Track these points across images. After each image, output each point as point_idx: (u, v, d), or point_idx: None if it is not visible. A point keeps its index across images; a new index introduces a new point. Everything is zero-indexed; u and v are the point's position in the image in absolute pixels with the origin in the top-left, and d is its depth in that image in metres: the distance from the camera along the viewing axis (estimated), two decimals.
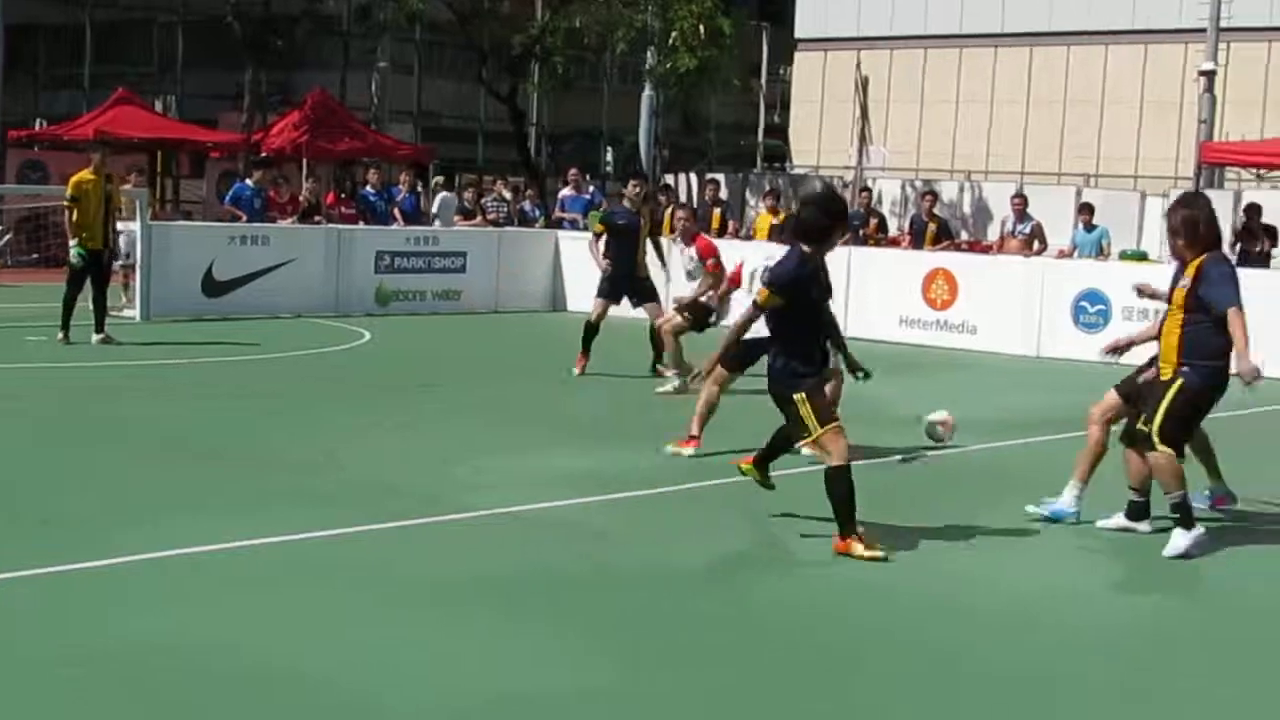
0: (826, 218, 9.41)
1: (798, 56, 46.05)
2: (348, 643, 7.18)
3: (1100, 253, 22.99)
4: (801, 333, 9.35)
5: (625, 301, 17.24)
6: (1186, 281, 9.66)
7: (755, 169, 45.73)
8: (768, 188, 32.37)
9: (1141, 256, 24.80)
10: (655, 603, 8.06)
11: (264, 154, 31.96)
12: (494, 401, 15.37)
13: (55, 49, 49.02)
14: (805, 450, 10.30)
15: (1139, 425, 9.84)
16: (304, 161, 34.79)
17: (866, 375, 10.06)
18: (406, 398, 15.48)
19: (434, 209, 28.31)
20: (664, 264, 17.84)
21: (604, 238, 17.39)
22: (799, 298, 9.23)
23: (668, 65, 35.26)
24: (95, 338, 18.20)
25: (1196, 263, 9.61)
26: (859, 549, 8.98)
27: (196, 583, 8.09)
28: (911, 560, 9.13)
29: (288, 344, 19.10)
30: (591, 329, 17.02)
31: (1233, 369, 9.53)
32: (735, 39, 35.77)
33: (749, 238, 26.99)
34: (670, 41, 34.74)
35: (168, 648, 6.98)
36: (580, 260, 25.89)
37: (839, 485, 9.09)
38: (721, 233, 26.43)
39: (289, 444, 12.38)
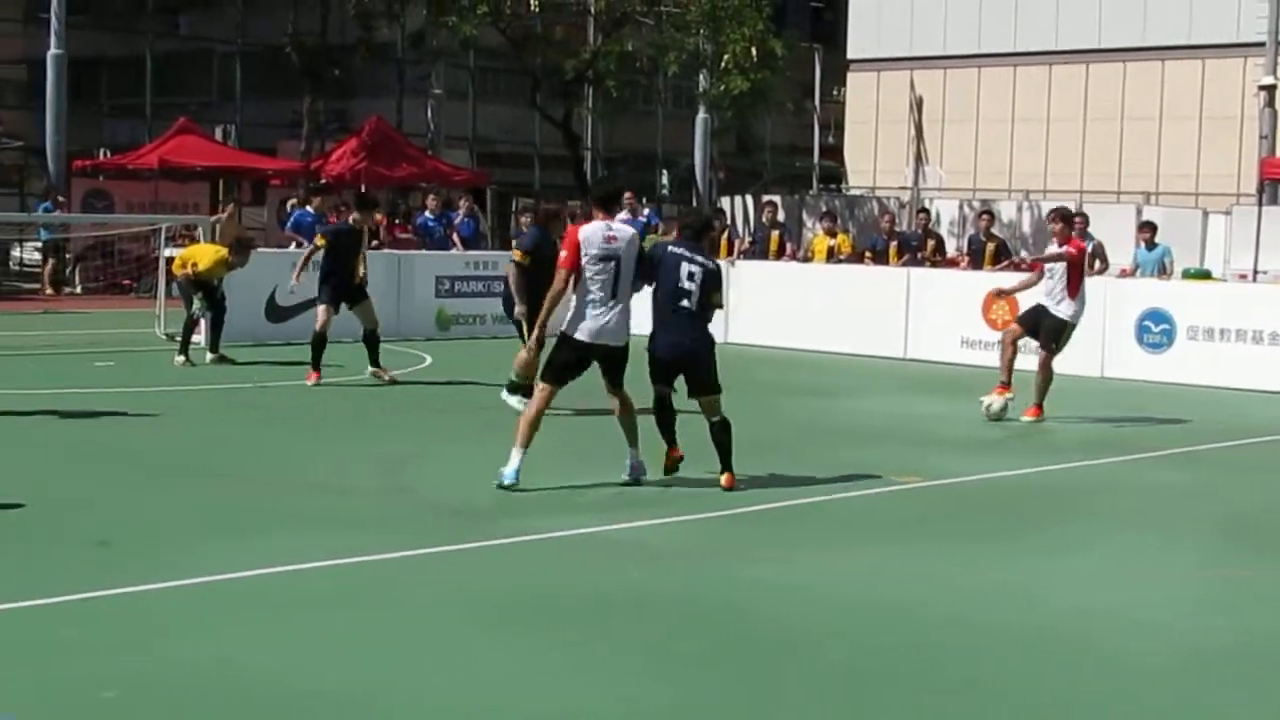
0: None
1: (851, 77, 46.00)
2: (400, 664, 7.17)
3: (1163, 271, 22.88)
4: None
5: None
6: None
7: (811, 190, 45.71)
8: (824, 209, 32.36)
9: (1205, 275, 24.63)
10: (713, 624, 8.07)
11: (323, 180, 32.16)
12: (557, 424, 15.39)
13: (118, 80, 49.63)
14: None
15: None
16: (362, 188, 35.02)
17: None
18: (468, 420, 15.53)
19: None
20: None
21: (322, 250, 18.00)
22: None
23: (720, 88, 35.31)
24: (209, 357, 19.45)
25: None
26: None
27: (250, 606, 8.10)
28: (952, 578, 9.13)
29: (349, 368, 19.20)
30: (321, 340, 17.57)
31: None
32: (788, 61, 35.80)
33: (806, 259, 27.00)
34: (722, 64, 34.79)
35: (213, 671, 6.96)
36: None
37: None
38: (780, 254, 26.45)
39: (351, 467, 12.43)
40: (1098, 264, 23.66)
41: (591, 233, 11.50)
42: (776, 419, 16.21)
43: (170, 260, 24.85)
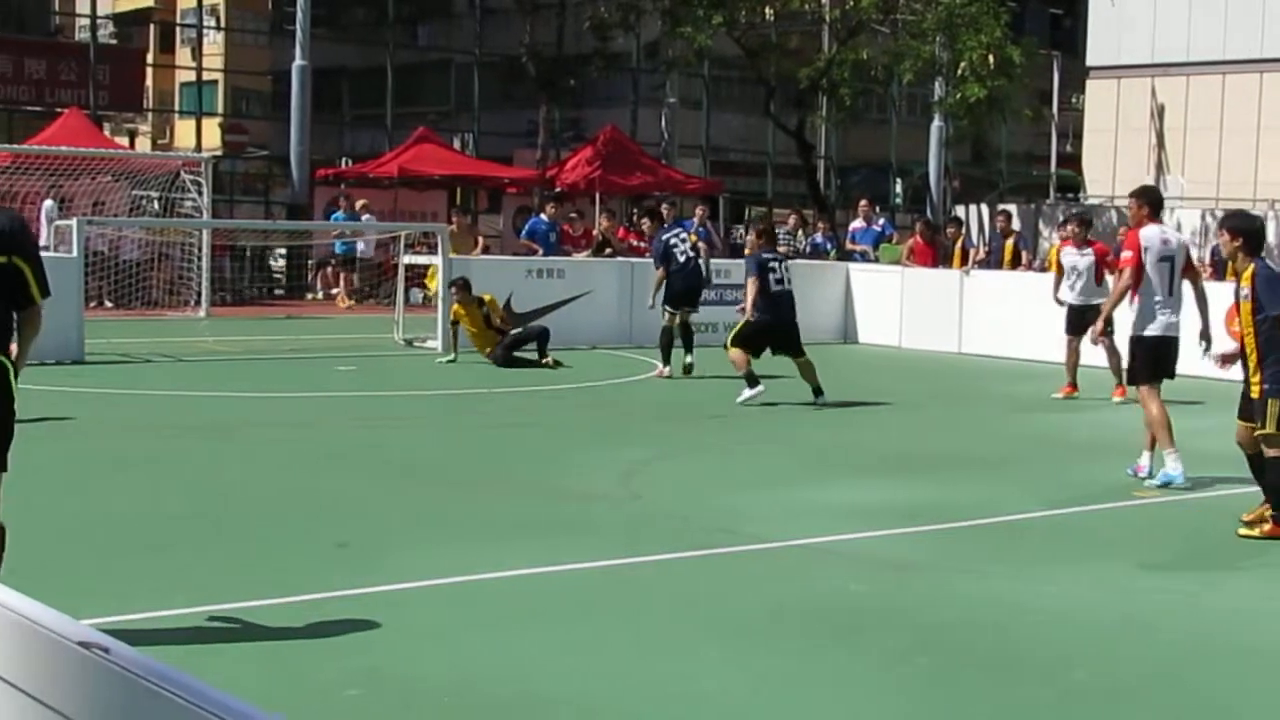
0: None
1: (1090, 84, 45.14)
2: (636, 674, 7.20)
3: None
4: None
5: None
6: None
7: (1048, 200, 45.01)
8: (1061, 219, 31.81)
9: None
10: (947, 640, 8.00)
11: (558, 189, 32.54)
12: (786, 433, 15.39)
13: (359, 90, 50.82)
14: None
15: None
16: (596, 196, 35.37)
17: None
18: (699, 429, 15.59)
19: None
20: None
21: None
22: None
23: (956, 96, 34.96)
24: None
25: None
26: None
27: (482, 610, 8.18)
28: (1194, 598, 8.93)
29: (583, 375, 19.42)
30: (671, 336, 19.56)
31: None
32: (1025, 68, 35.29)
33: (1043, 269, 26.55)
34: (959, 72, 34.45)
35: (451, 672, 7.05)
36: (871, 292, 25.85)
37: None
38: (1015, 264, 26.07)
39: (583, 473, 12.55)
40: None
41: (1152, 236, 11.94)
42: (1010, 431, 16.01)
43: (409, 268, 25.42)
